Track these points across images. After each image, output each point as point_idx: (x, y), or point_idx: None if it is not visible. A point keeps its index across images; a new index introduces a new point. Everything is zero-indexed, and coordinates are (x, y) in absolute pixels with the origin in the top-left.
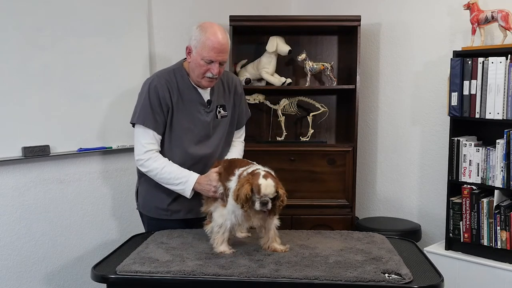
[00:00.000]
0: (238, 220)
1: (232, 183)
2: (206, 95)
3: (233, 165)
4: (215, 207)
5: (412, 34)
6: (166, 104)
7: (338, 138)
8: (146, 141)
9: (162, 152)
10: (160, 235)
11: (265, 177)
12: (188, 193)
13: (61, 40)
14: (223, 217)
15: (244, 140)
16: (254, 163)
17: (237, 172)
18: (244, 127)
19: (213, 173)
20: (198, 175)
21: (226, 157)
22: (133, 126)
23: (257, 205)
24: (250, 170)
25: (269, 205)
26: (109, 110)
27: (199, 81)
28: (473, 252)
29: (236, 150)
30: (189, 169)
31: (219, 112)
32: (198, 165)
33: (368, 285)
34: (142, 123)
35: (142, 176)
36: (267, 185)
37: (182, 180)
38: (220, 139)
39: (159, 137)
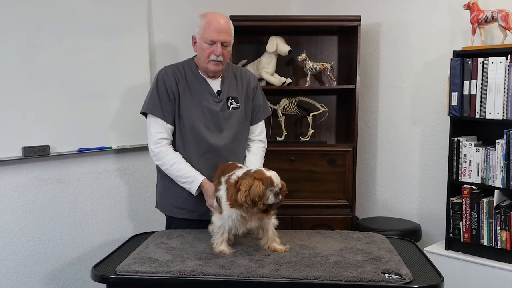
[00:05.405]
0: (235, 224)
1: (221, 192)
2: (215, 85)
3: (224, 172)
4: (213, 211)
5: (412, 34)
6: (173, 92)
7: (338, 138)
8: (155, 130)
9: (174, 142)
10: (160, 235)
11: (267, 170)
12: (193, 193)
13: (61, 40)
14: (221, 220)
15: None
16: (242, 166)
17: (223, 179)
18: (262, 125)
19: (211, 191)
20: (203, 178)
21: (245, 162)
22: (146, 118)
23: (271, 198)
24: (239, 173)
25: (280, 195)
26: (109, 110)
27: (206, 67)
28: (473, 252)
29: (255, 158)
30: (203, 157)
31: (231, 103)
32: (210, 154)
33: (368, 285)
34: (150, 112)
35: (159, 173)
36: (276, 175)
37: (188, 180)
38: (233, 131)
39: (169, 126)
